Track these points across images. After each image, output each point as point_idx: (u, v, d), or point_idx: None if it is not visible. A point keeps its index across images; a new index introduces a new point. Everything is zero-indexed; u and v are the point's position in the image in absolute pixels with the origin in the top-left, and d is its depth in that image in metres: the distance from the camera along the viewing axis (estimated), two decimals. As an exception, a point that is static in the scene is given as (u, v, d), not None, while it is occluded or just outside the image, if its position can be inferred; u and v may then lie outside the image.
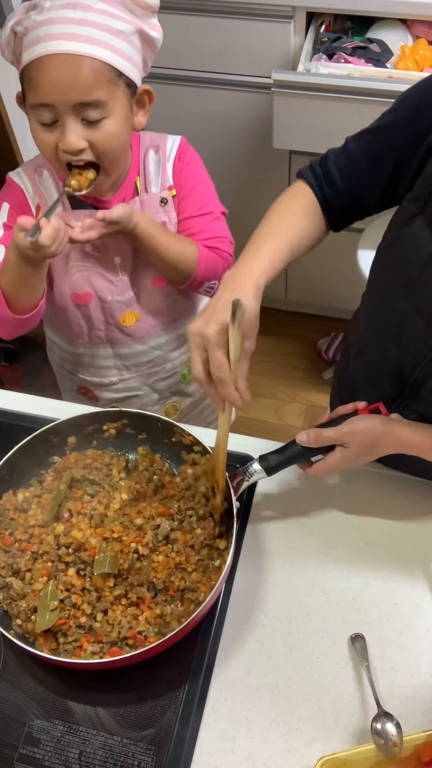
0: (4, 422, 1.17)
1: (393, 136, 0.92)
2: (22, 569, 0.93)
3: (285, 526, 1.05)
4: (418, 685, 0.91)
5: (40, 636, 0.89)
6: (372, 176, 0.96)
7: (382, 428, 0.92)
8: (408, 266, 0.91)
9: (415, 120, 0.89)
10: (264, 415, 2.38)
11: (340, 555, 1.02)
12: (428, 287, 0.88)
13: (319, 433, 0.94)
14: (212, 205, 1.27)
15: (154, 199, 1.21)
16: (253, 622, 0.96)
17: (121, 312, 1.28)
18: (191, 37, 1.84)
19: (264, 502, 1.08)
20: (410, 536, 1.03)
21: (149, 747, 0.86)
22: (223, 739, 0.87)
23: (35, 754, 0.86)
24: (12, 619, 0.91)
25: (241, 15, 1.75)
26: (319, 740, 0.87)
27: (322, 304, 2.50)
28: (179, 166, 1.22)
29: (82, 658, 0.87)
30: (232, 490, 0.94)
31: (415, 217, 0.89)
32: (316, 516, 1.06)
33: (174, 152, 1.22)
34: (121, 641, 0.88)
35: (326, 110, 1.65)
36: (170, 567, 0.92)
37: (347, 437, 0.92)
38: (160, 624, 0.89)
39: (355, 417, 0.94)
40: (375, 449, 0.94)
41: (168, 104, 2.00)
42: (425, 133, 0.87)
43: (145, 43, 1.09)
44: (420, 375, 0.96)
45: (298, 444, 0.96)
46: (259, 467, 0.97)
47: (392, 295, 0.96)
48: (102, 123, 1.05)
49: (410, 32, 1.79)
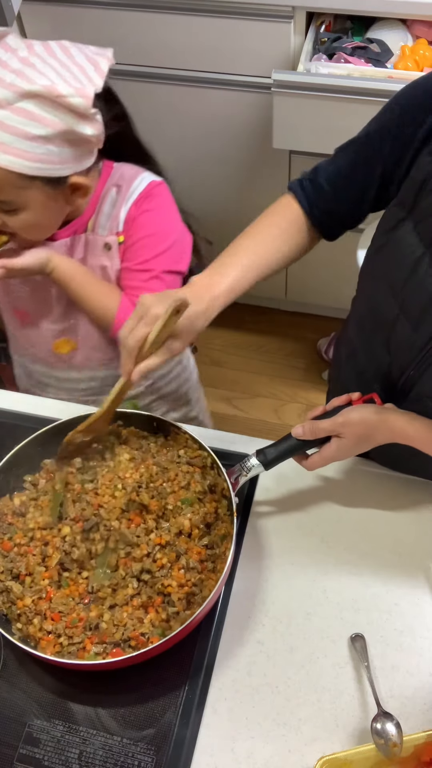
0: (5, 422, 1.17)
1: (378, 145, 0.93)
2: (23, 573, 0.93)
3: (285, 527, 1.05)
4: (418, 685, 0.91)
5: (42, 639, 0.89)
6: (361, 185, 0.96)
7: (376, 417, 0.92)
8: (396, 271, 0.91)
9: (399, 127, 0.89)
10: (264, 415, 2.38)
11: (340, 555, 1.02)
12: (416, 291, 0.89)
13: (314, 425, 0.94)
14: (156, 262, 1.18)
15: (98, 241, 1.17)
16: (253, 622, 0.96)
17: (56, 339, 1.27)
18: (191, 37, 1.84)
19: (264, 503, 1.08)
20: (410, 536, 1.03)
21: (149, 747, 0.86)
22: (223, 739, 0.87)
23: (35, 754, 0.86)
24: (12, 623, 0.91)
25: (241, 15, 1.75)
26: (319, 740, 0.87)
27: (322, 304, 2.50)
28: (134, 213, 1.15)
29: (85, 659, 0.87)
30: (230, 486, 0.94)
31: (402, 222, 0.89)
32: (315, 516, 1.06)
33: (134, 197, 1.15)
34: (124, 642, 0.88)
35: (326, 110, 1.64)
36: (183, 580, 0.92)
37: (342, 428, 0.92)
38: (164, 627, 0.89)
39: (349, 408, 0.94)
40: (370, 439, 0.94)
41: (168, 104, 2.00)
42: (410, 138, 0.88)
43: (78, 140, 1.02)
44: (408, 379, 0.96)
45: (294, 437, 0.96)
46: (257, 461, 0.97)
47: (380, 300, 0.97)
48: (17, 212, 1.05)
49: (410, 32, 1.78)
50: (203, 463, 1.01)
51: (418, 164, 0.87)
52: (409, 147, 0.88)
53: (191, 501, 0.97)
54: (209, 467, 1.00)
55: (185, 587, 0.90)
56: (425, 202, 0.85)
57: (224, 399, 2.43)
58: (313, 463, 0.97)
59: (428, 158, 0.85)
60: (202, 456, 1.01)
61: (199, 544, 0.94)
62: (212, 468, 0.99)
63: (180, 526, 0.94)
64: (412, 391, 0.97)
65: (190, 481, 0.99)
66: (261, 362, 2.51)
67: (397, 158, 0.90)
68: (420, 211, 0.87)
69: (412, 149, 0.88)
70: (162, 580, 0.90)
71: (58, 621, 0.89)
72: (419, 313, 0.89)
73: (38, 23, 1.90)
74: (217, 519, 0.97)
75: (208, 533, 0.96)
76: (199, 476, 1.00)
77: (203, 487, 0.99)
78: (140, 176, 1.17)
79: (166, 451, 1.03)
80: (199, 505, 0.98)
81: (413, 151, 0.88)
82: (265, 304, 2.60)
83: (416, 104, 0.87)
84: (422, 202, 0.86)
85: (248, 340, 2.56)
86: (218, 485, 0.99)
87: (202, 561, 0.93)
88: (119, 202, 1.16)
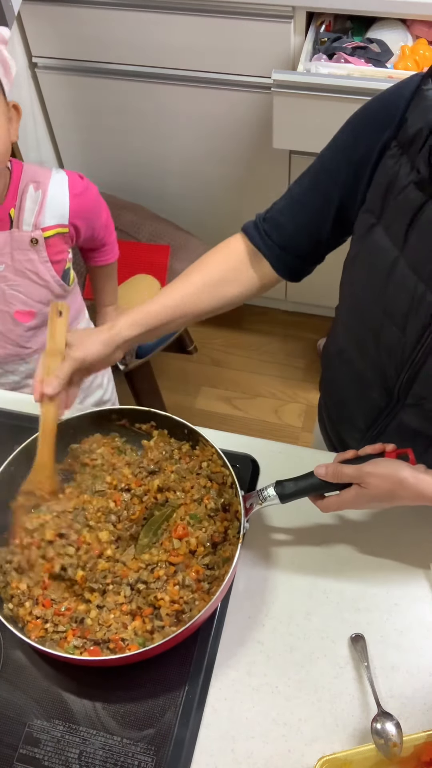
0: (5, 422, 1.17)
1: (331, 166, 0.93)
2: (23, 565, 0.93)
3: (285, 526, 1.05)
4: (418, 685, 0.91)
5: (30, 622, 0.89)
6: (320, 208, 0.96)
7: (404, 476, 0.86)
8: (374, 277, 0.91)
9: (353, 150, 0.89)
10: (264, 415, 2.38)
11: (340, 555, 1.02)
12: (396, 294, 0.88)
13: (339, 468, 0.90)
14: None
15: (24, 237, 1.24)
16: (253, 622, 0.96)
17: None
18: (191, 37, 1.84)
19: (264, 507, 1.07)
20: (410, 536, 1.03)
21: (149, 747, 0.86)
22: (223, 739, 0.87)
23: (35, 754, 0.86)
24: (4, 602, 0.91)
25: (241, 15, 1.75)
26: (319, 740, 0.87)
27: (322, 304, 2.50)
28: (77, 204, 1.27)
29: (64, 649, 0.87)
30: (243, 511, 0.92)
31: (373, 227, 0.89)
32: (316, 516, 1.06)
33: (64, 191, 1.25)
34: (103, 643, 0.88)
35: (326, 110, 1.64)
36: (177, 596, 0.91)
37: (367, 477, 0.87)
38: (145, 637, 0.88)
39: (379, 459, 0.89)
40: (394, 496, 0.87)
41: (168, 104, 2.00)
42: (364, 158, 0.88)
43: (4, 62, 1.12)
44: (405, 381, 0.95)
45: (316, 476, 0.92)
46: (274, 493, 0.93)
47: (364, 307, 0.96)
48: None
49: (410, 32, 1.78)
50: (223, 480, 1.00)
51: (382, 167, 0.86)
52: (366, 164, 0.88)
53: (200, 518, 0.97)
54: (228, 486, 0.98)
55: (176, 604, 0.89)
56: (393, 204, 0.85)
57: (224, 399, 2.43)
58: (328, 506, 0.93)
59: (391, 161, 0.84)
60: (223, 474, 1.00)
61: (200, 562, 0.93)
62: (231, 487, 0.98)
63: (189, 545, 0.94)
64: (409, 394, 0.97)
65: (204, 496, 0.98)
66: (261, 362, 2.51)
67: (354, 176, 0.90)
68: (389, 214, 0.86)
69: (370, 165, 0.88)
70: (156, 593, 0.90)
71: (49, 607, 0.90)
72: (403, 315, 0.88)
73: (38, 23, 1.90)
74: (225, 540, 0.96)
75: (213, 553, 0.95)
76: (215, 493, 0.99)
77: (216, 505, 0.98)
78: (52, 171, 1.27)
79: (189, 460, 1.03)
80: (208, 522, 0.97)
81: (371, 166, 0.88)
82: (265, 304, 2.61)
83: (370, 123, 0.88)
84: (390, 205, 0.85)
85: (248, 340, 2.56)
86: (233, 506, 0.97)
87: (199, 580, 0.91)
88: (41, 198, 1.23)
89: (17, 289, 1.29)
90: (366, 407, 1.06)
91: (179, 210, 2.17)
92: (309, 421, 2.34)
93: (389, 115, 0.85)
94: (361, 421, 1.09)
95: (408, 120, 0.82)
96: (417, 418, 0.99)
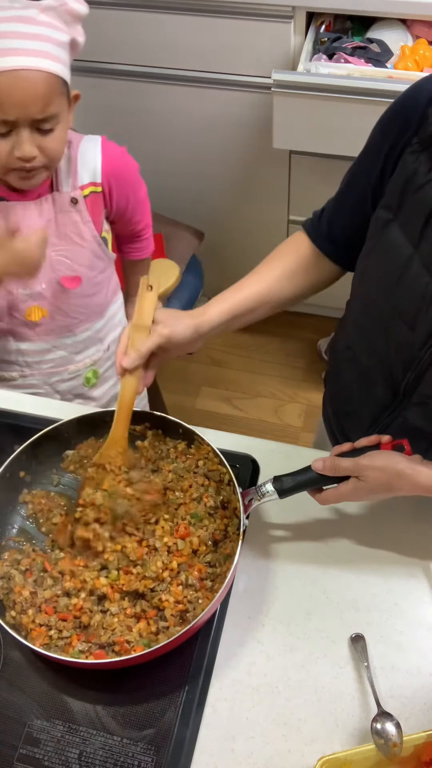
0: (4, 422, 1.17)
1: (365, 167, 0.94)
2: (28, 570, 0.93)
3: (285, 527, 1.05)
4: (418, 685, 0.91)
5: (34, 630, 0.89)
6: (356, 207, 0.98)
7: (401, 468, 0.87)
8: (387, 273, 0.91)
9: (380, 147, 0.90)
10: (264, 415, 2.38)
11: (340, 555, 1.02)
12: (408, 292, 0.88)
13: (336, 462, 0.91)
14: None
15: (65, 198, 1.23)
16: (253, 622, 0.96)
17: (27, 305, 1.28)
18: (191, 37, 1.84)
19: (263, 503, 1.07)
20: (410, 536, 1.03)
21: (149, 747, 0.86)
22: (223, 739, 0.87)
23: (35, 754, 0.86)
24: (7, 610, 0.91)
25: (241, 15, 1.75)
26: (319, 740, 0.87)
27: (322, 304, 2.49)
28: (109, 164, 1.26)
29: (70, 654, 0.87)
30: (242, 508, 0.93)
31: (390, 223, 0.89)
32: (315, 516, 1.06)
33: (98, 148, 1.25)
34: (108, 646, 0.88)
35: (326, 110, 1.64)
36: (180, 596, 0.91)
37: (364, 470, 0.88)
38: (150, 639, 0.88)
39: (375, 452, 0.90)
40: (391, 487, 0.89)
41: (168, 104, 2.00)
42: (389, 156, 0.89)
43: (72, 49, 1.12)
44: (411, 379, 0.96)
45: (314, 470, 0.93)
46: (272, 488, 0.94)
47: (375, 303, 0.96)
48: (53, 131, 1.09)
49: (410, 32, 1.79)
50: (220, 477, 1.00)
51: (402, 164, 0.86)
52: (389, 161, 0.89)
53: (201, 517, 0.97)
54: (226, 483, 0.99)
55: (181, 604, 0.89)
56: (411, 201, 0.85)
57: (224, 399, 2.43)
58: (326, 498, 0.94)
59: (410, 158, 0.84)
60: (220, 471, 1.00)
61: (202, 561, 0.94)
62: (228, 485, 0.98)
63: (191, 545, 0.94)
64: (415, 392, 0.97)
65: (203, 494, 0.98)
66: (261, 362, 2.51)
67: (381, 176, 0.92)
68: (406, 211, 0.86)
69: (392, 162, 0.88)
70: (160, 595, 0.90)
71: (51, 614, 0.90)
72: (414, 313, 0.89)
73: (38, 23, 1.90)
74: (226, 537, 0.96)
75: (214, 551, 0.95)
76: (213, 491, 0.99)
77: (215, 503, 0.98)
78: (84, 136, 1.26)
79: (185, 459, 1.03)
80: (209, 520, 0.97)
81: (392, 163, 0.88)
82: (265, 304, 2.60)
83: (394, 120, 0.88)
84: (408, 202, 0.86)
85: (248, 340, 2.56)
86: (231, 503, 0.97)
87: (202, 579, 0.92)
88: (73, 158, 1.22)
89: (63, 254, 1.27)
90: (371, 403, 1.06)
91: (179, 209, 2.17)
92: (309, 421, 2.34)
93: (412, 112, 0.85)
94: (366, 417, 1.09)
95: (429, 117, 0.82)
96: (421, 417, 0.99)
